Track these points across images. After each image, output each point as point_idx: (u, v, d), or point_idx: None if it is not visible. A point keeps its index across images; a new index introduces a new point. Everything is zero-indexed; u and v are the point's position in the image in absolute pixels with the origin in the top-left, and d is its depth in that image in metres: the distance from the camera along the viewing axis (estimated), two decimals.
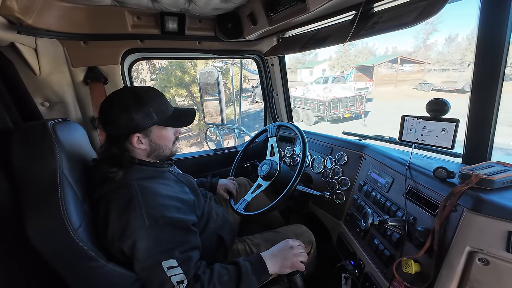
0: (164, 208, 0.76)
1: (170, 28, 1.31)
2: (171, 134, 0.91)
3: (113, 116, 0.78)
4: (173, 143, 0.93)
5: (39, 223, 0.65)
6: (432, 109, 0.88)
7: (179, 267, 0.71)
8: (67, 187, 0.70)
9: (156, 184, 0.82)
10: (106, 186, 0.78)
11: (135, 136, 0.81)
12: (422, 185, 0.83)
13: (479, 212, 0.62)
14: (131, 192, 0.75)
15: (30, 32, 0.96)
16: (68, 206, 0.67)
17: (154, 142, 0.86)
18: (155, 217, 0.73)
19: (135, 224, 0.71)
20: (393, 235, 0.86)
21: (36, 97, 1.11)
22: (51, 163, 0.69)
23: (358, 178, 1.20)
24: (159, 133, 0.86)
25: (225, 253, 1.03)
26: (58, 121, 0.79)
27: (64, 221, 0.65)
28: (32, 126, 0.74)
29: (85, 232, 0.70)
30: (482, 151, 0.86)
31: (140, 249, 0.71)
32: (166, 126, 0.87)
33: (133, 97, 0.80)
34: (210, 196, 1.12)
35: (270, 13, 1.16)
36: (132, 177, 0.79)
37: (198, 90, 3.38)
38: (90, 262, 0.69)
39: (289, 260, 0.86)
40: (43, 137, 0.71)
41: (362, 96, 10.03)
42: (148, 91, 0.85)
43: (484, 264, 0.61)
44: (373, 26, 0.97)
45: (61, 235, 0.65)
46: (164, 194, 0.80)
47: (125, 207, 0.73)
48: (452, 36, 33.10)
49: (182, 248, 0.74)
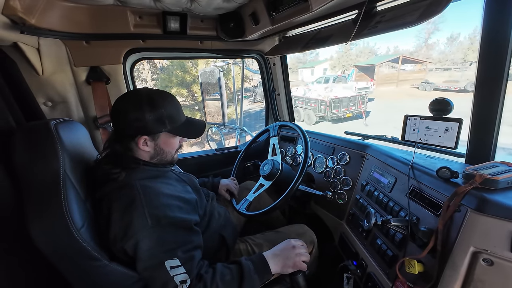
0: (166, 208, 0.76)
1: (172, 28, 1.31)
2: (177, 143, 0.91)
3: (125, 113, 0.79)
4: (176, 150, 0.93)
5: (42, 223, 0.65)
6: (435, 108, 0.87)
7: (182, 266, 0.71)
8: (70, 187, 0.70)
9: (158, 184, 0.82)
10: (109, 185, 0.78)
11: (142, 138, 0.81)
12: (425, 185, 0.83)
13: (484, 212, 0.62)
14: (134, 192, 0.75)
15: (33, 32, 0.96)
16: (70, 206, 0.67)
17: (159, 147, 0.86)
18: (158, 217, 0.73)
19: (137, 224, 0.71)
20: (396, 235, 0.86)
21: (38, 96, 1.11)
22: (54, 163, 0.69)
23: (361, 178, 1.20)
24: (166, 140, 0.86)
25: (227, 253, 1.03)
26: (60, 120, 0.79)
27: (67, 221, 0.65)
28: (35, 126, 0.74)
29: (87, 232, 0.70)
30: (486, 151, 0.85)
31: (143, 249, 0.70)
32: (175, 135, 0.88)
33: (148, 98, 0.80)
34: (212, 196, 1.12)
35: (272, 12, 1.15)
36: (134, 177, 0.79)
37: (200, 90, 3.38)
38: (93, 262, 0.69)
39: (291, 259, 0.85)
40: (46, 137, 0.71)
41: (363, 95, 10.01)
42: (162, 94, 0.85)
43: (488, 265, 0.61)
44: (376, 26, 0.97)
45: (64, 235, 0.65)
46: (166, 194, 0.80)
47: (128, 207, 0.73)
48: (454, 35, 32.97)
49: (184, 248, 0.74)
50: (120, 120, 0.81)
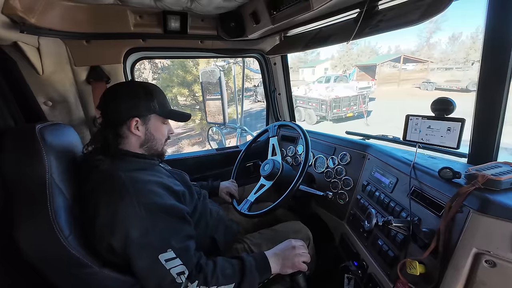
0: (155, 195, 0.74)
1: (173, 27, 1.30)
2: (165, 131, 0.94)
3: (121, 98, 0.82)
4: (165, 140, 0.95)
5: (29, 231, 0.63)
6: (437, 108, 0.86)
7: (178, 258, 0.68)
8: (57, 192, 0.68)
9: (145, 175, 0.79)
10: (93, 179, 0.76)
11: (134, 121, 0.82)
12: (427, 186, 0.82)
13: (486, 213, 0.61)
14: (120, 182, 0.72)
15: (33, 31, 0.96)
16: (58, 213, 0.65)
17: (150, 132, 0.87)
18: (147, 204, 0.70)
19: (125, 213, 0.68)
20: (397, 236, 0.85)
21: (39, 96, 1.11)
22: (39, 169, 0.66)
23: (362, 178, 1.19)
24: (156, 124, 0.89)
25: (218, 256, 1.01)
26: (46, 124, 0.77)
27: (54, 229, 0.63)
28: (20, 130, 0.73)
29: (76, 239, 0.68)
30: (489, 151, 0.84)
31: (133, 240, 0.67)
32: (165, 118, 0.92)
33: (142, 87, 0.86)
34: (204, 194, 1.09)
35: (273, 11, 1.15)
36: (120, 168, 0.77)
37: (200, 90, 3.38)
38: (83, 269, 0.67)
39: (290, 260, 0.85)
40: (30, 142, 0.69)
41: (365, 95, 9.97)
42: (153, 85, 0.92)
43: (490, 266, 0.60)
44: (378, 24, 0.96)
45: (51, 244, 0.63)
46: (154, 181, 0.77)
47: (114, 197, 0.70)
48: (456, 35, 32.83)
49: (177, 237, 0.72)
50: (115, 106, 0.82)
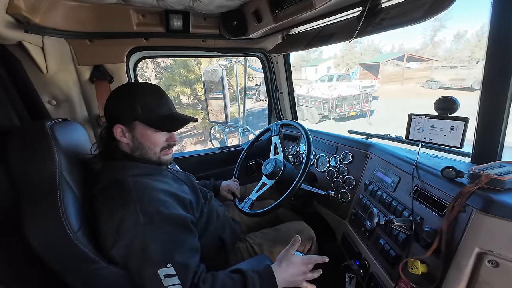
0: (160, 204, 0.72)
1: (175, 26, 1.31)
2: (159, 139, 0.83)
3: (107, 102, 0.83)
4: (163, 149, 0.85)
5: (39, 226, 0.64)
6: (441, 107, 0.86)
7: (176, 276, 0.65)
8: (67, 189, 0.69)
9: (152, 181, 0.78)
10: (100, 183, 0.76)
11: (118, 128, 0.79)
12: (429, 185, 0.82)
13: (489, 213, 0.61)
14: (125, 188, 0.71)
15: (37, 31, 0.97)
16: (67, 209, 0.66)
17: (137, 140, 0.82)
18: (151, 213, 0.69)
19: (128, 222, 0.67)
20: (399, 235, 0.85)
21: (43, 95, 1.12)
22: (50, 165, 0.67)
23: (364, 177, 1.19)
24: (142, 132, 0.81)
25: (226, 256, 1.00)
26: (57, 121, 0.79)
27: (63, 224, 0.64)
28: (30, 127, 0.73)
29: (85, 234, 0.69)
30: (492, 150, 0.84)
31: (135, 252, 0.66)
32: (148, 126, 0.81)
33: (128, 88, 0.83)
34: (210, 196, 1.08)
35: (275, 10, 1.14)
36: (127, 173, 0.77)
37: (203, 89, 3.39)
38: (91, 265, 0.67)
39: (296, 283, 0.79)
40: (41, 139, 0.69)
41: (368, 94, 9.91)
42: (145, 86, 0.85)
43: (493, 266, 0.60)
44: (381, 23, 0.95)
45: (61, 239, 0.64)
46: (160, 189, 0.76)
47: (118, 204, 0.69)
48: (460, 33, 32.44)
49: (180, 250, 0.70)
50: (105, 111, 0.84)
